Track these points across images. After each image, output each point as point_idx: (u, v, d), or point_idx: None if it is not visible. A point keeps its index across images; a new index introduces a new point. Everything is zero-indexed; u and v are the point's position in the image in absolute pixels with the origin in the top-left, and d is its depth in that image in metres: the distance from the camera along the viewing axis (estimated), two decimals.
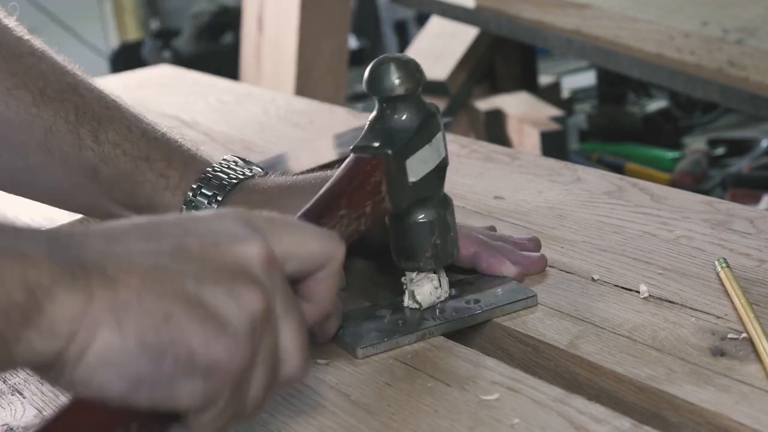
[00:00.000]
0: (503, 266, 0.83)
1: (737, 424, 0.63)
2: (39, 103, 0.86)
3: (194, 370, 0.55)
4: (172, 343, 0.54)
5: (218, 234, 0.59)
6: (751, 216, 0.90)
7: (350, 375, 0.73)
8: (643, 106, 3.20)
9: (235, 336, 0.56)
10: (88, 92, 0.88)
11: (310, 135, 1.31)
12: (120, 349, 0.53)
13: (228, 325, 0.56)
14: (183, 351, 0.54)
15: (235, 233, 0.59)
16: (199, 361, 0.55)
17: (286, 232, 0.63)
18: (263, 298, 0.58)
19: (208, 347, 0.55)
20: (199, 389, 0.55)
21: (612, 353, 0.72)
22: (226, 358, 0.55)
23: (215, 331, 0.55)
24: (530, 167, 1.09)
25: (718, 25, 1.96)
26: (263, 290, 0.58)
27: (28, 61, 0.87)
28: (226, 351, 0.55)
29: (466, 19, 2.63)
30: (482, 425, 0.65)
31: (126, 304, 0.54)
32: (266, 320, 0.58)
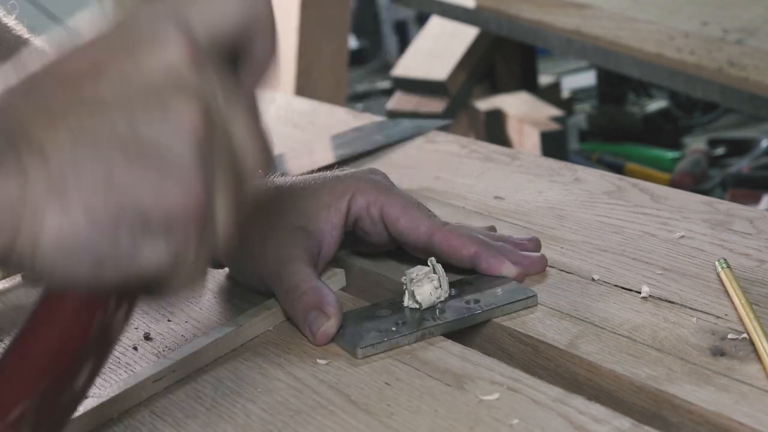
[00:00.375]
0: (503, 266, 0.83)
1: (737, 424, 0.63)
2: None
3: (152, 230, 0.51)
4: (122, 209, 0.50)
5: (133, 43, 0.53)
6: (751, 216, 0.90)
7: (350, 375, 0.73)
8: (643, 106, 3.20)
9: (184, 175, 0.51)
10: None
11: (310, 135, 1.31)
12: (72, 233, 0.50)
13: (173, 162, 0.51)
14: (135, 213, 0.51)
15: (151, 34, 0.53)
16: (154, 219, 0.51)
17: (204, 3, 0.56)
18: (200, 109, 0.52)
19: (160, 200, 0.51)
20: (163, 250, 0.52)
21: (612, 353, 0.72)
22: (181, 206, 0.51)
23: (162, 179, 0.51)
24: (530, 167, 1.09)
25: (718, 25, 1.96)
26: (198, 100, 0.52)
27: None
28: (179, 198, 0.51)
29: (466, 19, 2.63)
30: (482, 425, 0.65)
31: (63, 177, 0.50)
32: (211, 131, 0.53)
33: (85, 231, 0.50)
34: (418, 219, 0.85)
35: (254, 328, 0.80)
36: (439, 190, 1.06)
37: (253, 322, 0.80)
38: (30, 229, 0.50)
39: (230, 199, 0.55)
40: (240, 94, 0.56)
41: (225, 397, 0.72)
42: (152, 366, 0.75)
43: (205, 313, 0.84)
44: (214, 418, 0.70)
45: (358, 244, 0.90)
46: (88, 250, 0.51)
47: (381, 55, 4.58)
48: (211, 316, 0.84)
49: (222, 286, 0.88)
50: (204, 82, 0.53)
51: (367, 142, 1.21)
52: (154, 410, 0.72)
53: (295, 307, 0.79)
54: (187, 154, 0.52)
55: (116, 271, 0.52)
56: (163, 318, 0.84)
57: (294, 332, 0.79)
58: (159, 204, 0.51)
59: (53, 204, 0.50)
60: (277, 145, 1.34)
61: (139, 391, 0.73)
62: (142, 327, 0.83)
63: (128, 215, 0.51)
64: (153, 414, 0.72)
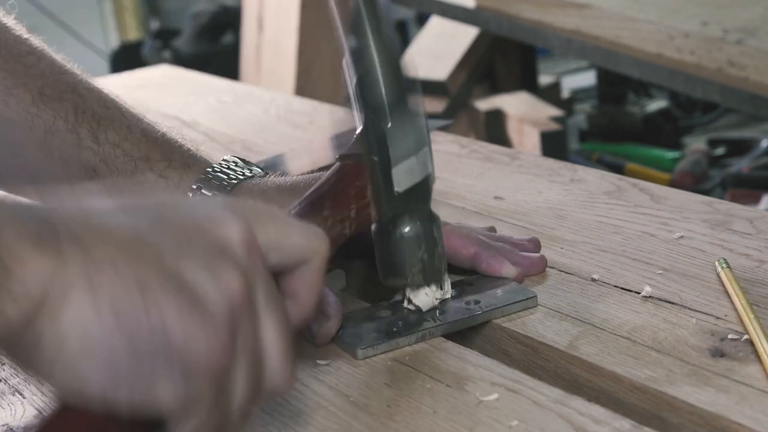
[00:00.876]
0: (503, 267, 0.82)
1: (737, 425, 0.63)
2: (38, 102, 0.86)
3: (172, 365, 0.52)
4: (147, 315, 0.51)
5: (199, 214, 0.57)
6: (751, 216, 0.90)
7: (350, 376, 0.72)
8: (643, 106, 3.20)
9: (213, 318, 0.53)
10: (87, 92, 0.88)
11: (310, 135, 1.31)
12: (92, 316, 0.50)
13: (206, 303, 0.53)
14: (158, 326, 0.51)
15: (217, 215, 0.57)
16: (177, 352, 0.52)
17: (270, 222, 0.60)
18: (243, 280, 0.55)
19: (184, 322, 0.52)
20: (179, 389, 0.52)
21: (612, 354, 0.72)
22: (204, 346, 0.52)
23: (191, 306, 0.52)
24: (530, 167, 1.09)
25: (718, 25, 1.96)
26: (243, 272, 0.55)
27: (28, 60, 0.87)
28: (204, 337, 0.52)
29: (466, 19, 2.63)
30: (482, 426, 0.65)
31: (99, 268, 0.51)
32: (246, 306, 0.55)
33: (106, 320, 0.51)
34: None
35: None
36: (439, 190, 1.06)
37: None
38: (54, 301, 0.50)
39: (249, 381, 0.55)
40: (279, 301, 0.58)
41: None
42: None
43: None
44: None
45: (359, 245, 0.89)
46: (108, 357, 0.51)
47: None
48: None
49: None
50: (251, 268, 0.56)
51: None
52: None
53: None
54: (220, 305, 0.53)
55: (129, 394, 0.52)
56: None
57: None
58: (183, 328, 0.52)
59: (83, 284, 0.51)
60: (278, 145, 1.34)
61: None
62: None
63: (151, 324, 0.51)
64: None
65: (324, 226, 0.71)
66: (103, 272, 0.51)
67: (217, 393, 0.54)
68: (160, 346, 0.52)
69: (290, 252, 0.61)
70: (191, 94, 1.61)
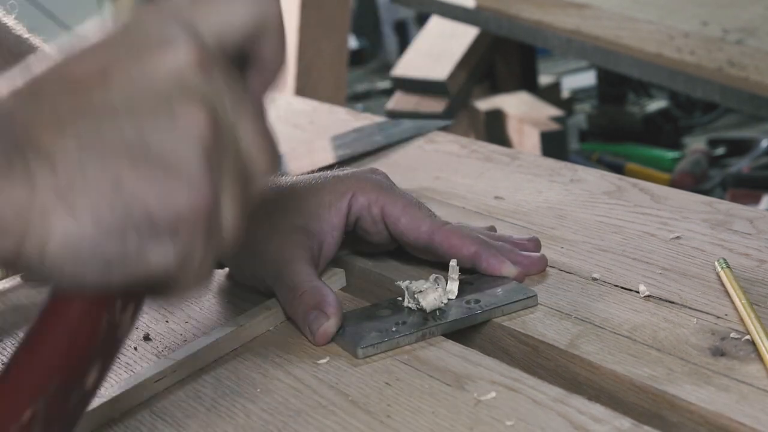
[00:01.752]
0: (504, 266, 0.83)
1: (737, 424, 0.63)
2: None
3: (159, 232, 0.52)
4: (129, 212, 0.51)
5: (141, 47, 0.53)
6: (751, 216, 0.90)
7: (350, 375, 0.73)
8: (643, 106, 3.20)
9: (190, 179, 0.52)
10: None
11: (310, 135, 1.31)
12: (79, 236, 0.50)
13: (180, 167, 0.52)
14: (142, 216, 0.51)
15: (158, 39, 0.53)
16: (161, 221, 0.52)
17: (210, 8, 0.56)
18: (207, 114, 0.53)
19: (166, 203, 0.51)
20: (170, 250, 0.52)
21: (612, 353, 0.72)
22: (187, 209, 0.52)
23: (169, 183, 0.51)
24: (530, 167, 1.09)
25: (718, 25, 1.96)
26: (205, 105, 0.53)
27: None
28: (186, 200, 0.52)
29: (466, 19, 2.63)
30: (482, 425, 0.65)
31: (70, 183, 0.50)
32: (218, 137, 0.53)
33: (93, 234, 0.51)
34: (419, 218, 0.85)
35: (254, 328, 0.80)
36: (439, 190, 1.06)
37: (253, 322, 0.80)
38: (38, 234, 0.50)
39: (237, 201, 0.55)
40: (247, 98, 0.56)
41: (225, 397, 0.72)
42: (153, 366, 0.75)
43: (205, 313, 0.84)
44: (214, 418, 0.70)
45: (359, 244, 0.90)
46: (96, 252, 0.51)
47: (381, 55, 4.58)
48: (211, 316, 0.84)
49: (222, 286, 0.88)
50: (211, 86, 0.54)
51: (367, 142, 1.21)
52: (154, 410, 0.72)
53: (295, 307, 0.79)
54: (194, 158, 0.52)
55: (124, 272, 0.52)
56: (162, 318, 0.84)
57: (294, 332, 0.79)
58: (166, 206, 0.51)
59: (61, 209, 0.50)
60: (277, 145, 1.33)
61: (140, 391, 0.73)
62: (142, 327, 0.83)
63: (136, 218, 0.51)
64: (153, 414, 0.72)
65: None
66: (75, 188, 0.50)
67: (208, 231, 0.54)
68: (147, 227, 0.52)
69: (242, 27, 0.57)
70: None
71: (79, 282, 0.52)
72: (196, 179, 0.52)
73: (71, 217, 0.50)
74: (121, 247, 0.51)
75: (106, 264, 0.52)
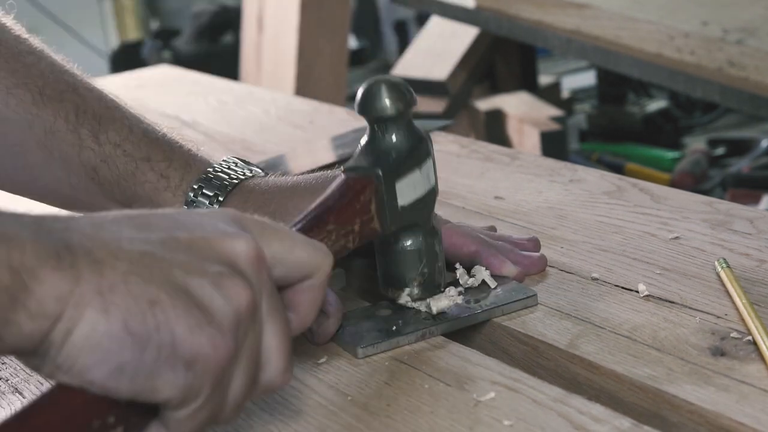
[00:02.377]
0: (504, 266, 0.83)
1: (737, 424, 0.63)
2: (39, 102, 0.86)
3: (177, 360, 0.54)
4: (157, 330, 0.54)
5: (208, 228, 0.59)
6: (751, 216, 0.91)
7: (350, 374, 0.73)
8: (643, 106, 3.20)
9: (219, 327, 0.56)
10: (87, 92, 0.88)
11: (310, 135, 1.31)
12: (105, 332, 0.53)
13: (213, 316, 0.56)
14: (167, 338, 0.54)
15: (225, 229, 0.59)
16: (182, 350, 0.54)
17: (275, 237, 0.62)
18: (250, 293, 0.57)
19: (193, 336, 0.55)
20: (180, 380, 0.55)
21: (612, 353, 0.72)
22: (209, 349, 0.55)
23: (200, 321, 0.55)
24: (530, 167, 1.09)
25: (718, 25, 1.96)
26: (250, 286, 0.58)
27: (28, 59, 0.87)
28: (210, 341, 0.55)
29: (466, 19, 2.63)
30: (481, 425, 0.65)
31: (113, 287, 0.54)
32: (252, 316, 0.58)
33: (118, 335, 0.53)
34: None
35: None
36: (439, 190, 1.06)
37: None
38: (69, 320, 0.53)
39: (247, 377, 0.58)
40: (282, 310, 0.61)
41: None
42: None
43: None
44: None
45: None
46: (114, 354, 0.53)
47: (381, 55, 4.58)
48: None
49: None
50: (257, 281, 0.59)
51: None
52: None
53: None
54: (227, 316, 0.56)
55: (131, 384, 0.54)
56: None
57: None
58: (191, 339, 0.55)
59: (97, 304, 0.53)
60: (278, 145, 1.34)
61: None
62: None
63: (161, 336, 0.54)
64: None
65: (328, 240, 0.71)
66: (116, 292, 0.54)
67: (216, 386, 0.57)
68: (168, 350, 0.54)
69: (294, 266, 0.63)
70: (191, 94, 1.61)
71: (85, 380, 0.54)
72: (224, 330, 0.56)
73: (104, 313, 0.53)
74: (138, 357, 0.54)
75: (119, 370, 0.54)
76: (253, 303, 0.58)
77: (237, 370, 0.58)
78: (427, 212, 0.78)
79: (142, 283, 0.54)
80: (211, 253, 0.58)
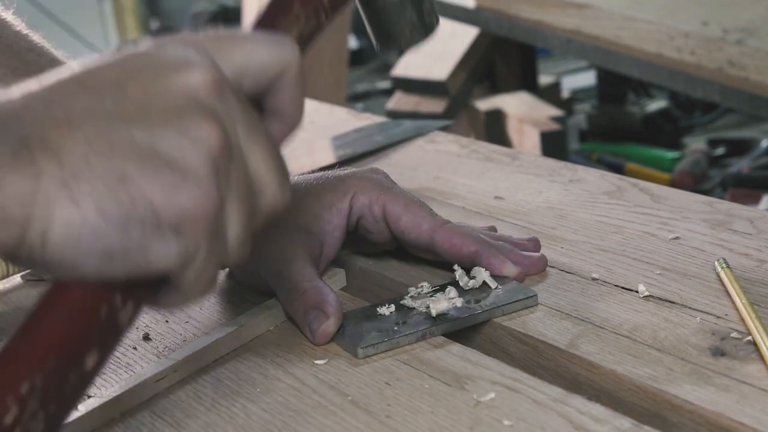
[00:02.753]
0: (504, 266, 0.82)
1: (737, 424, 0.63)
2: None
3: (163, 229, 0.52)
4: (134, 205, 0.51)
5: (159, 66, 0.55)
6: (751, 216, 0.90)
7: (350, 374, 0.73)
8: (643, 106, 3.20)
9: (197, 180, 0.53)
10: None
11: (310, 135, 1.31)
12: (81, 224, 0.51)
13: (187, 170, 0.53)
14: (146, 211, 0.52)
15: (176, 61, 0.55)
16: (165, 218, 0.52)
17: (232, 47, 0.58)
18: (218, 129, 0.54)
19: (171, 200, 0.52)
20: (172, 248, 0.53)
21: (612, 353, 0.72)
22: (192, 207, 0.53)
23: (175, 181, 0.52)
24: (530, 167, 1.09)
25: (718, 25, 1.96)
26: (217, 121, 0.54)
27: (28, 57, 0.87)
28: (191, 199, 0.53)
29: (466, 19, 2.63)
30: (482, 425, 0.65)
31: (76, 174, 0.51)
32: (228, 152, 0.54)
33: (95, 223, 0.51)
34: (420, 217, 0.85)
35: (254, 328, 0.80)
36: (439, 190, 1.06)
37: (254, 322, 0.80)
38: (40, 221, 0.51)
39: (242, 215, 0.56)
40: (261, 128, 0.57)
41: (225, 397, 0.72)
42: (154, 366, 0.75)
43: (205, 313, 0.84)
44: (214, 418, 0.70)
45: (360, 244, 0.90)
46: (98, 242, 0.51)
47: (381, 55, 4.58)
48: (211, 316, 0.84)
49: (222, 286, 0.88)
50: (224, 108, 0.55)
51: (367, 142, 1.21)
52: (155, 410, 0.72)
53: (295, 306, 0.79)
54: (202, 163, 0.53)
55: (125, 266, 0.53)
56: (162, 318, 0.84)
57: (294, 332, 0.79)
58: (171, 203, 0.52)
59: (64, 197, 0.51)
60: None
61: (141, 391, 0.73)
62: (141, 327, 0.83)
63: (140, 212, 0.52)
64: (153, 414, 0.72)
65: (298, 24, 0.66)
66: (80, 179, 0.51)
67: (213, 237, 0.54)
68: (151, 222, 0.52)
69: (260, 72, 0.59)
70: None
71: (80, 272, 0.53)
72: (203, 182, 0.53)
73: (74, 204, 0.51)
74: (123, 239, 0.52)
75: (107, 255, 0.52)
76: (225, 138, 0.54)
77: (230, 212, 0.55)
78: None
79: (105, 159, 0.51)
80: (168, 96, 0.54)
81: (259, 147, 0.57)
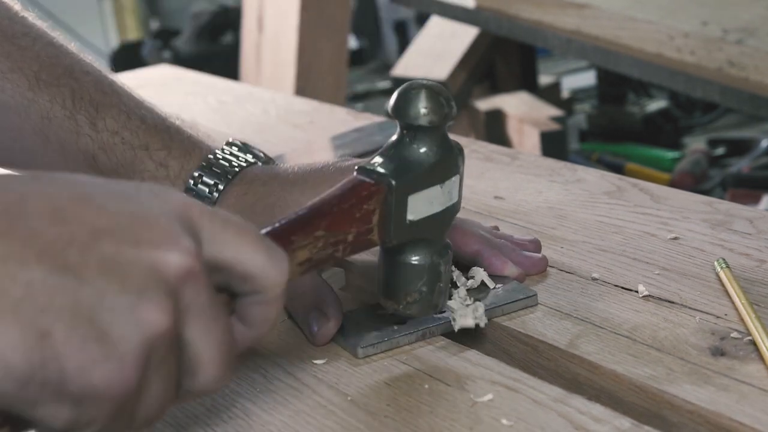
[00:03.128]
0: (505, 267, 0.82)
1: (737, 424, 0.63)
2: (35, 87, 0.85)
3: (63, 397, 0.49)
4: (42, 367, 0.48)
5: (142, 231, 0.52)
6: (751, 216, 0.91)
7: (350, 374, 0.73)
8: (643, 106, 3.20)
9: (120, 362, 0.50)
10: (84, 75, 0.87)
11: (310, 135, 1.31)
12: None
13: (115, 348, 0.50)
14: (53, 376, 0.49)
15: (162, 233, 0.53)
16: (70, 388, 0.49)
17: (229, 241, 0.56)
18: (168, 319, 0.51)
19: (84, 374, 0.49)
20: (65, 414, 0.50)
21: (612, 353, 0.72)
22: (103, 387, 0.50)
23: (96, 356, 0.49)
24: (530, 167, 1.09)
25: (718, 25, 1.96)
26: (171, 309, 0.52)
27: (23, 42, 0.86)
28: (105, 379, 0.50)
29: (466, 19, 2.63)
30: (481, 425, 0.65)
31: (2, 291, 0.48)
32: (168, 340, 0.52)
33: None
34: None
35: None
36: None
37: None
38: None
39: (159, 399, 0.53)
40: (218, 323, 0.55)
41: (225, 397, 0.72)
42: None
43: None
44: (214, 418, 0.70)
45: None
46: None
47: (381, 55, 4.58)
48: None
49: None
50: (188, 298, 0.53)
51: (367, 142, 1.21)
52: None
53: (295, 306, 0.78)
54: (133, 348, 0.50)
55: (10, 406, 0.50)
56: None
57: (294, 332, 0.79)
58: (82, 378, 0.49)
59: None
60: (278, 145, 1.34)
61: None
62: None
63: (46, 375, 0.49)
64: None
65: (313, 247, 0.65)
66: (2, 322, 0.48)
67: (117, 413, 0.52)
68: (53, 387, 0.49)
69: (242, 277, 0.57)
70: (191, 94, 1.61)
71: None
72: (125, 365, 0.50)
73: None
74: (15, 389, 0.49)
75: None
76: (169, 327, 0.52)
77: (147, 392, 0.53)
78: (441, 229, 0.73)
79: (37, 311, 0.48)
80: (138, 265, 0.51)
81: (210, 336, 0.54)
